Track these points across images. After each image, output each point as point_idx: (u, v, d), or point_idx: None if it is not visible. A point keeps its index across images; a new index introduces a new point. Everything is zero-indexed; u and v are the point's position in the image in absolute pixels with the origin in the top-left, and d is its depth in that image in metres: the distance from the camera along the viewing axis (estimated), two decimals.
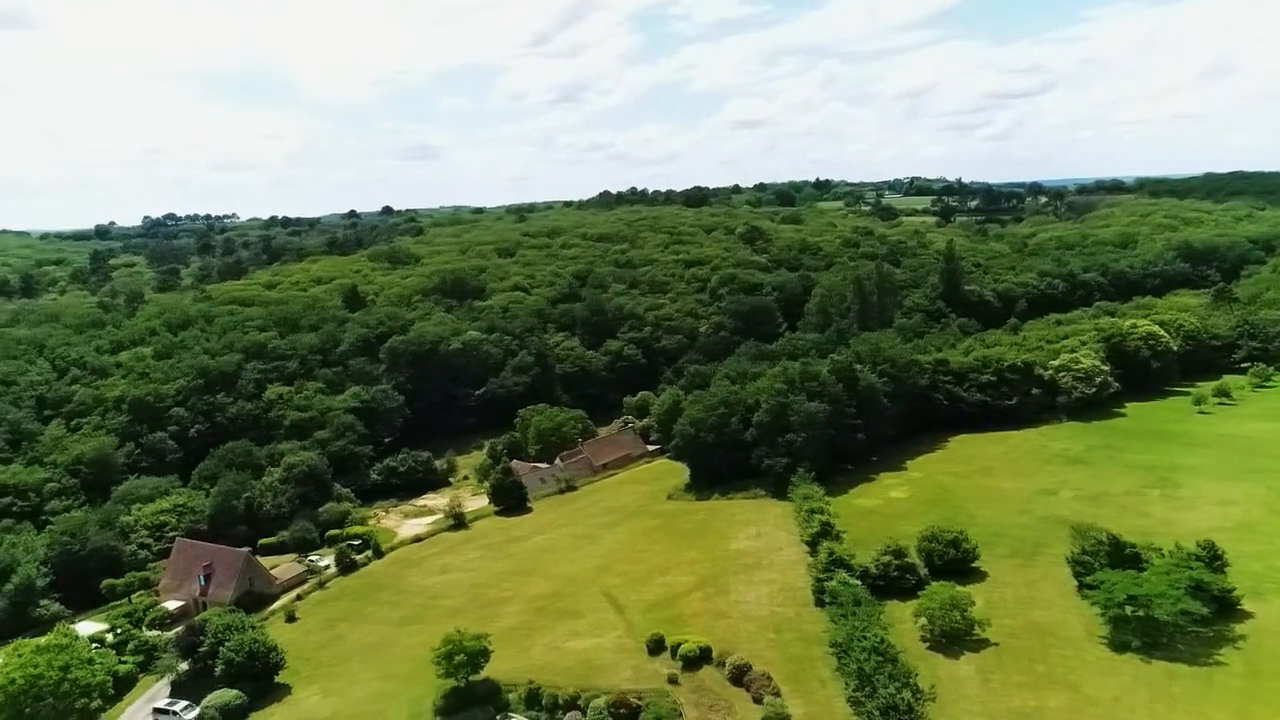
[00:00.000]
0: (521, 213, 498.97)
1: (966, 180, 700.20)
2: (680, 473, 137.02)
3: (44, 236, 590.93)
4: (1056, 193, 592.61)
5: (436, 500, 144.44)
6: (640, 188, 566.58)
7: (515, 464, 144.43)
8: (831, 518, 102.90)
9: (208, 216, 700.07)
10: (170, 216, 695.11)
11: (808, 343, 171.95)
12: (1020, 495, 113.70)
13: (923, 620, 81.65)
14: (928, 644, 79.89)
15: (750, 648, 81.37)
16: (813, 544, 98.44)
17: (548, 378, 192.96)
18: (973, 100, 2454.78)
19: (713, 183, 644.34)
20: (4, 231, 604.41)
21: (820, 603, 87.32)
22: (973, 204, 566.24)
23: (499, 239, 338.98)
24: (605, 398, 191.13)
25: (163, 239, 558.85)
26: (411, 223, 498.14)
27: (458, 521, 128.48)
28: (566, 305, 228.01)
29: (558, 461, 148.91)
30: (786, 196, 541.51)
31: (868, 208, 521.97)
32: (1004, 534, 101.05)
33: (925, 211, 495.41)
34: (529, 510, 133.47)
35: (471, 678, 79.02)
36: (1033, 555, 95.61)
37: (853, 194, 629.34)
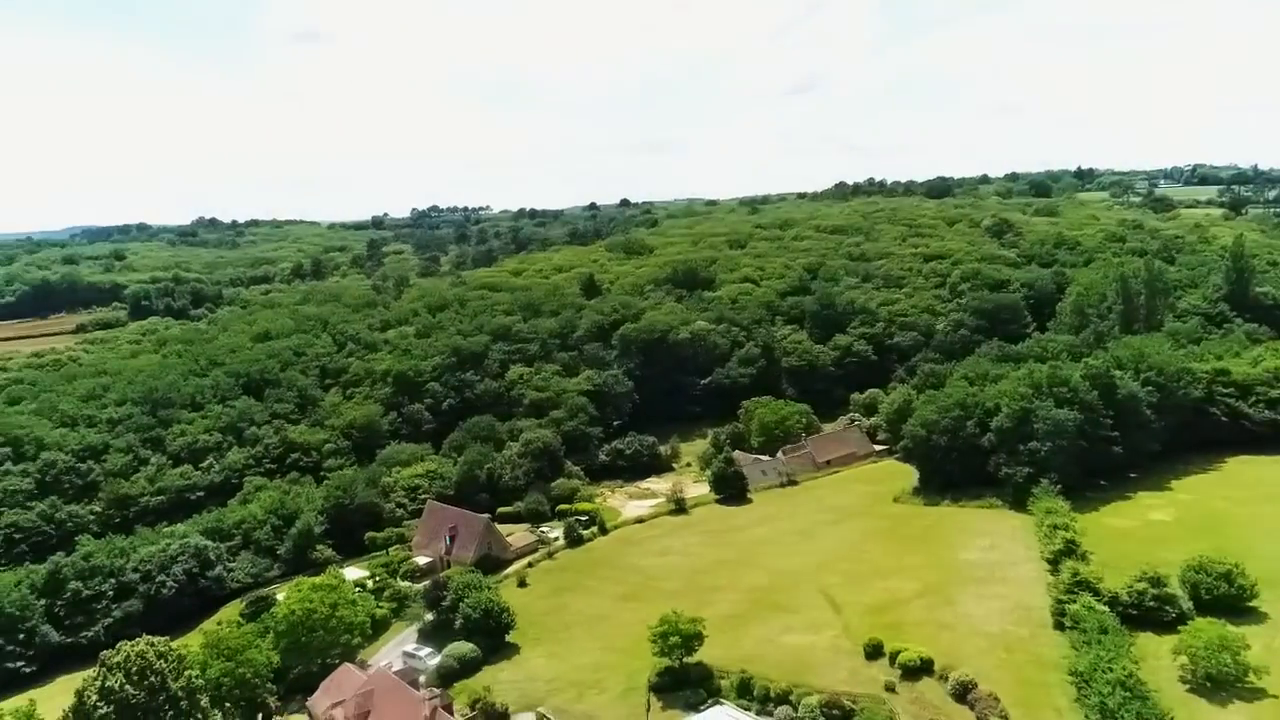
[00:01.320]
0: (754, 204, 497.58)
1: (1264, 167, 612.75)
2: (908, 475, 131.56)
3: (331, 226, 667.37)
4: None
5: (659, 484, 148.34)
6: (878, 178, 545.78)
7: (737, 454, 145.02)
8: (1077, 535, 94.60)
9: (465, 208, 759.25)
10: (434, 209, 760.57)
11: (1059, 345, 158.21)
12: None
13: (1183, 659, 72.95)
14: (1188, 686, 71.30)
15: (976, 664, 76.64)
16: (1054, 562, 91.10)
17: (774, 370, 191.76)
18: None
19: (957, 172, 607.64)
20: (300, 221, 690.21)
21: (1060, 626, 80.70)
22: (1272, 194, 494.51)
23: (730, 230, 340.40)
24: (832, 393, 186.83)
25: (427, 229, 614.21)
26: (647, 214, 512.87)
27: (678, 506, 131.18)
28: (796, 298, 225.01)
29: (780, 455, 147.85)
30: (1041, 187, 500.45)
31: (1137, 198, 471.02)
32: None
33: (1209, 203, 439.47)
34: (749, 501, 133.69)
35: (685, 659, 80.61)
36: None
37: (1120, 184, 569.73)
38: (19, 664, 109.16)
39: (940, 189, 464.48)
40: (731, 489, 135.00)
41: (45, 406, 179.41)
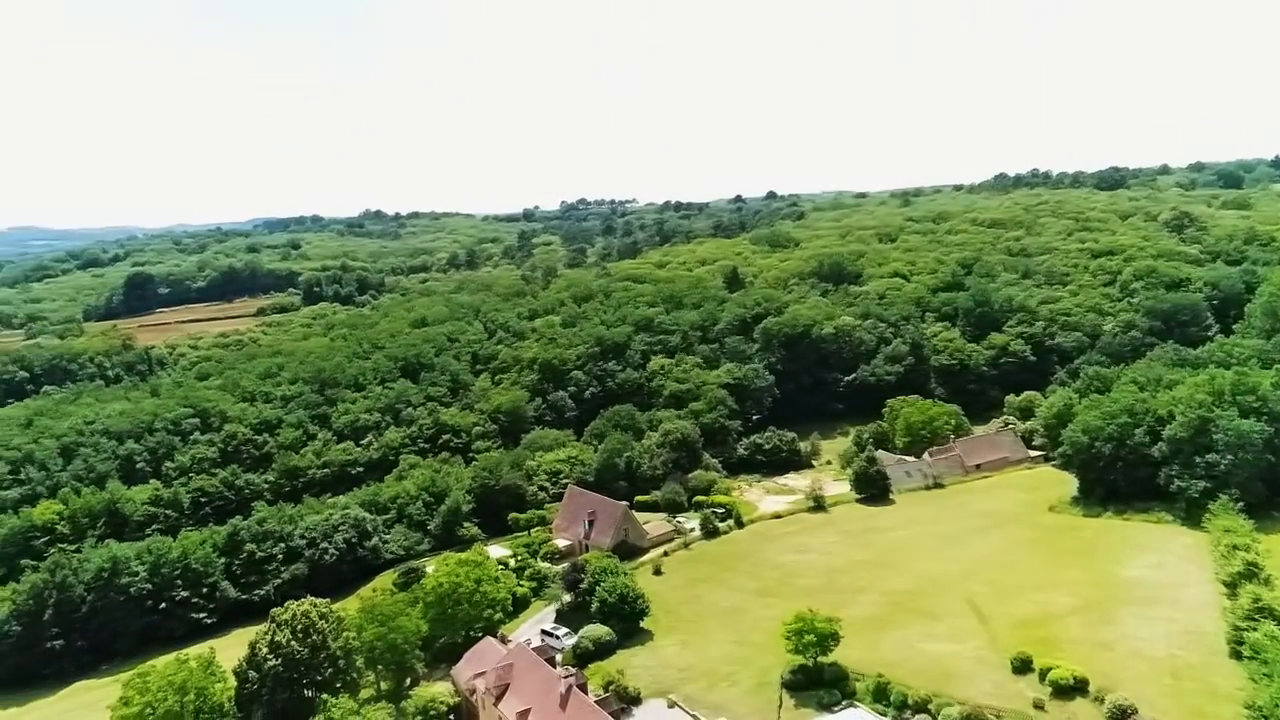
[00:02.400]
0: (906, 197, 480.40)
1: None
2: (1066, 484, 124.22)
3: (485, 218, 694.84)
4: None
5: (797, 481, 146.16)
6: (1042, 169, 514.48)
7: (880, 454, 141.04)
8: (1261, 558, 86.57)
9: (612, 201, 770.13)
10: (582, 201, 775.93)
11: (1246, 350, 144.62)
12: None
13: None
14: None
15: (1137, 690, 71.42)
16: (1232, 585, 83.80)
17: (922, 369, 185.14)
18: None
19: (1133, 162, 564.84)
20: (456, 214, 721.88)
21: (1236, 655, 74.20)
22: None
23: (880, 224, 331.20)
24: (985, 395, 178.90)
25: (574, 221, 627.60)
26: (793, 207, 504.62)
27: (817, 504, 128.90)
28: (948, 294, 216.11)
29: (926, 456, 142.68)
30: (1231, 177, 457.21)
31: None
32: None
33: None
34: (891, 502, 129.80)
35: (820, 658, 79.21)
36: None
37: None
38: (202, 615, 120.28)
39: (1113, 180, 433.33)
40: (873, 489, 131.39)
41: (229, 383, 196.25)
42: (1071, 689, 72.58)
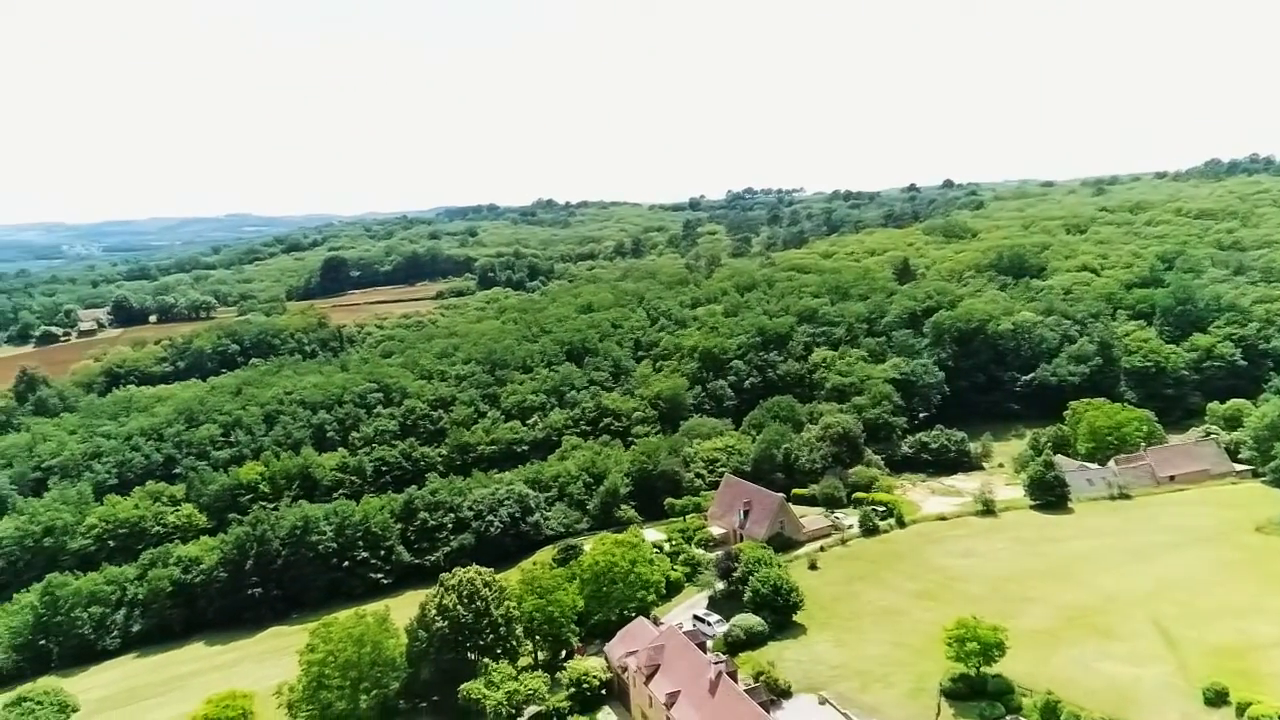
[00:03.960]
0: (1100, 185, 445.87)
1: None
2: (1277, 502, 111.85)
3: (651, 207, 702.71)
4: None
5: (966, 483, 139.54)
6: (1263, 154, 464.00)
7: (1059, 459, 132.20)
8: None
9: (779, 190, 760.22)
10: (748, 190, 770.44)
11: None
12: None
13: None
14: None
15: None
16: None
17: (1110, 371, 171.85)
18: None
19: None
20: (623, 203, 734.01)
21: None
22: None
23: (1068, 214, 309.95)
24: (1183, 401, 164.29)
25: (740, 211, 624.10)
26: (972, 196, 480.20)
27: (986, 508, 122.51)
28: (1144, 290, 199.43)
29: (1111, 464, 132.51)
30: None
31: None
32: None
33: None
34: (1069, 511, 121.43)
35: (983, 669, 75.34)
36: None
37: None
38: (379, 575, 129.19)
39: None
40: (1050, 496, 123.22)
41: (409, 361, 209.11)
42: None
